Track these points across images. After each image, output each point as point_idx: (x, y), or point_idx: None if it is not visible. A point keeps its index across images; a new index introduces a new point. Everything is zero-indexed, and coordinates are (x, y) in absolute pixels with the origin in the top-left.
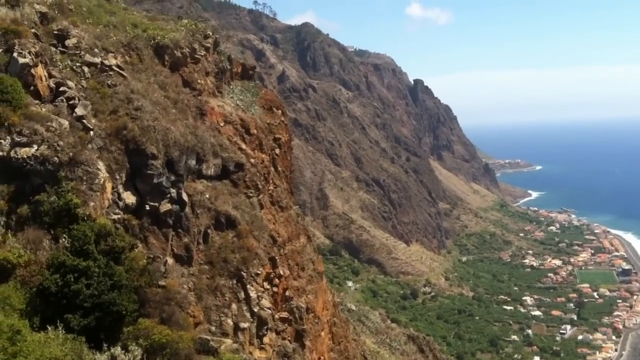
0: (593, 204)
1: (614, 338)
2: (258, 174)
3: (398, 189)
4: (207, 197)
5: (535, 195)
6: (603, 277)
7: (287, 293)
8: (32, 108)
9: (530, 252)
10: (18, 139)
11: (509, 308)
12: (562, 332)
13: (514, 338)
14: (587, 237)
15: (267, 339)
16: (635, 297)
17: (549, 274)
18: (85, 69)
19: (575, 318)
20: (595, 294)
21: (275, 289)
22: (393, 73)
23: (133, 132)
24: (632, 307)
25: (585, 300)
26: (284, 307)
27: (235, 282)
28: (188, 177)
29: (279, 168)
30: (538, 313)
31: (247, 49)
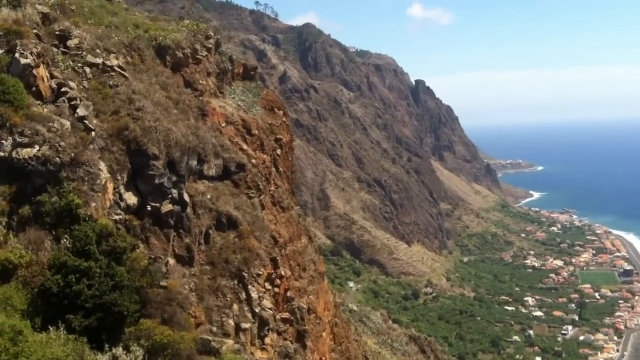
0: (594, 205)
1: (616, 338)
2: (259, 175)
3: (399, 190)
4: (208, 197)
5: (537, 196)
6: (604, 277)
7: (288, 293)
8: (33, 109)
9: (532, 252)
10: (20, 140)
11: (511, 309)
12: (563, 332)
13: (516, 339)
14: (588, 237)
15: (268, 340)
16: (637, 297)
17: (551, 275)
18: (87, 70)
19: (577, 319)
20: (597, 295)
21: (277, 290)
22: (394, 73)
23: (134, 132)
24: (633, 307)
25: (587, 301)
26: (285, 307)
27: (237, 282)
28: (189, 177)
29: (280, 168)
30: (539, 313)
31: (248, 50)
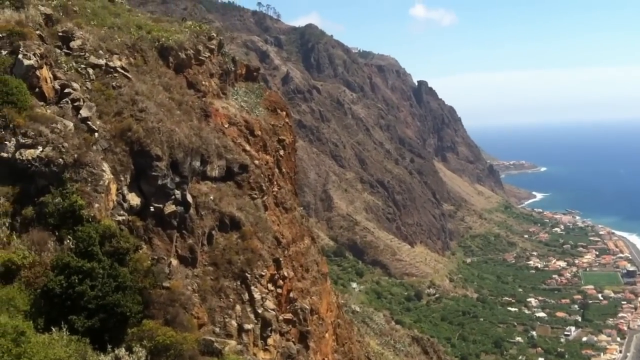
0: (598, 206)
1: (619, 339)
2: (262, 176)
3: (402, 191)
4: (211, 198)
5: (540, 197)
6: (608, 278)
7: (291, 294)
8: (37, 110)
9: (535, 253)
10: (23, 141)
11: (514, 309)
12: (566, 333)
13: (519, 339)
14: (591, 238)
15: (271, 340)
16: None
17: (554, 276)
18: (90, 71)
19: (580, 319)
20: (600, 296)
21: (280, 291)
22: (397, 74)
23: (138, 133)
24: (636, 308)
25: (590, 302)
26: (288, 308)
27: (240, 283)
28: (192, 178)
29: (283, 169)
30: (542, 314)
31: (251, 51)
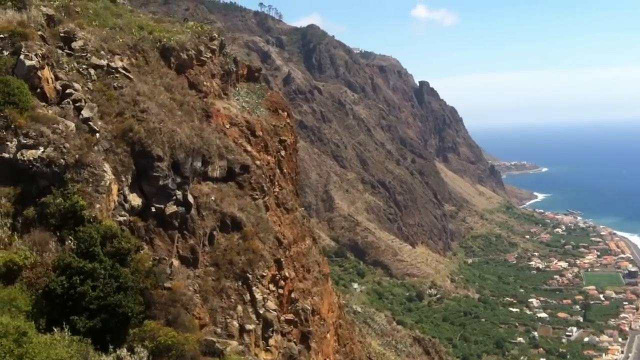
0: (599, 206)
1: (620, 340)
2: (263, 176)
3: (403, 191)
4: (212, 199)
5: (541, 197)
6: (609, 279)
7: (292, 295)
8: (38, 110)
9: (536, 254)
10: (24, 141)
11: (515, 310)
12: (568, 334)
13: (520, 340)
14: (593, 239)
15: (272, 341)
16: None
17: (555, 276)
18: (92, 71)
19: (581, 320)
20: (602, 296)
21: (281, 291)
22: (398, 75)
23: (139, 134)
24: (638, 309)
25: (591, 303)
26: (290, 309)
27: (241, 284)
28: (194, 179)
29: (285, 170)
30: (544, 315)
31: (252, 51)
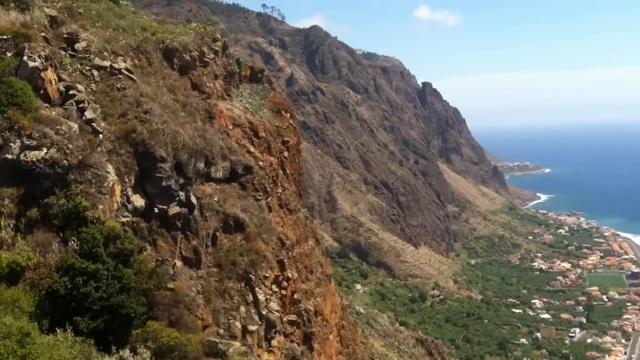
0: (602, 207)
1: (623, 341)
2: (266, 177)
3: (406, 192)
4: (215, 200)
5: (544, 198)
6: (612, 280)
7: (295, 296)
8: (41, 111)
9: (539, 255)
10: (28, 142)
11: (518, 311)
12: (571, 335)
13: (523, 341)
14: (596, 240)
15: (275, 342)
16: None
17: (558, 277)
18: (95, 73)
19: (585, 321)
20: (605, 297)
21: (284, 292)
22: (401, 76)
23: (142, 135)
24: None
25: (595, 304)
26: (292, 309)
27: (244, 284)
28: (197, 180)
29: (288, 171)
30: (547, 316)
31: (255, 52)
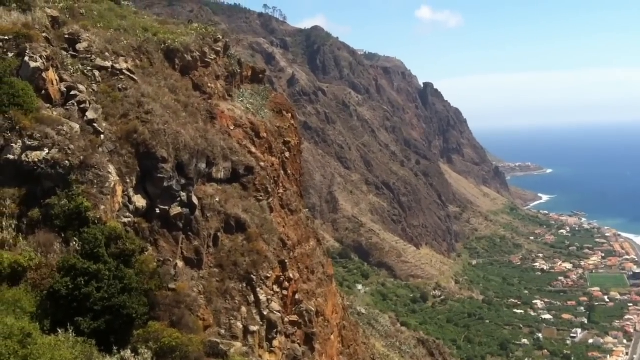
0: (604, 207)
1: (625, 342)
2: (268, 178)
3: (408, 192)
4: (217, 200)
5: (546, 199)
6: (614, 280)
7: (296, 296)
8: (43, 112)
9: (541, 255)
10: (29, 143)
11: (520, 312)
12: (572, 335)
13: (525, 342)
14: (597, 240)
15: (276, 342)
16: None
17: (560, 278)
18: (96, 73)
19: (586, 322)
20: (606, 298)
21: (285, 292)
22: (403, 76)
23: (143, 135)
24: None
25: (596, 304)
26: (294, 310)
27: (245, 285)
28: (198, 180)
29: (289, 171)
30: (548, 317)
31: (257, 53)
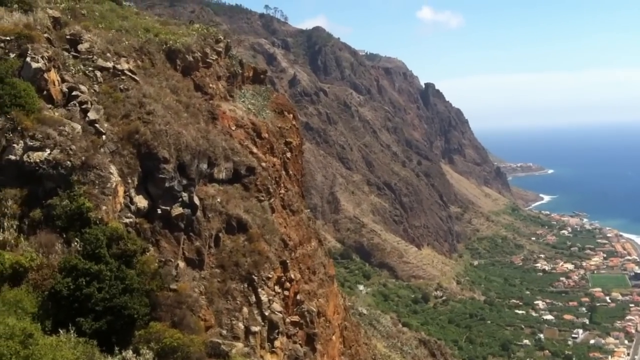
0: (605, 208)
1: (626, 342)
2: (269, 178)
3: (409, 193)
4: (218, 200)
5: (547, 199)
6: (615, 281)
7: (298, 297)
8: (44, 112)
9: (542, 256)
10: (31, 143)
11: (521, 312)
12: (574, 336)
13: (526, 342)
14: (599, 240)
15: (278, 343)
16: None
17: (561, 278)
18: (98, 74)
19: (588, 322)
20: (608, 298)
21: (287, 293)
22: (404, 77)
23: (145, 136)
24: None
25: (598, 305)
26: (295, 310)
27: (247, 285)
28: (200, 181)
29: (290, 172)
30: (550, 317)
31: (258, 53)
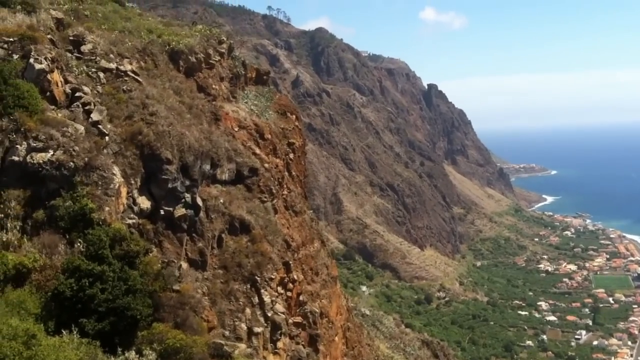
0: (608, 209)
1: (630, 343)
2: (272, 179)
3: (412, 194)
4: (221, 201)
5: (550, 200)
6: (618, 282)
7: (301, 298)
8: (48, 113)
9: (545, 257)
10: (34, 144)
11: (524, 313)
12: (577, 337)
13: (529, 343)
14: (602, 242)
15: (281, 344)
16: None
17: (564, 279)
18: (101, 75)
19: (591, 323)
20: (611, 299)
21: (289, 294)
22: (407, 78)
23: (148, 137)
24: None
25: (601, 306)
26: (298, 311)
27: (249, 286)
28: (202, 182)
29: (293, 173)
30: (553, 318)
31: (261, 54)
